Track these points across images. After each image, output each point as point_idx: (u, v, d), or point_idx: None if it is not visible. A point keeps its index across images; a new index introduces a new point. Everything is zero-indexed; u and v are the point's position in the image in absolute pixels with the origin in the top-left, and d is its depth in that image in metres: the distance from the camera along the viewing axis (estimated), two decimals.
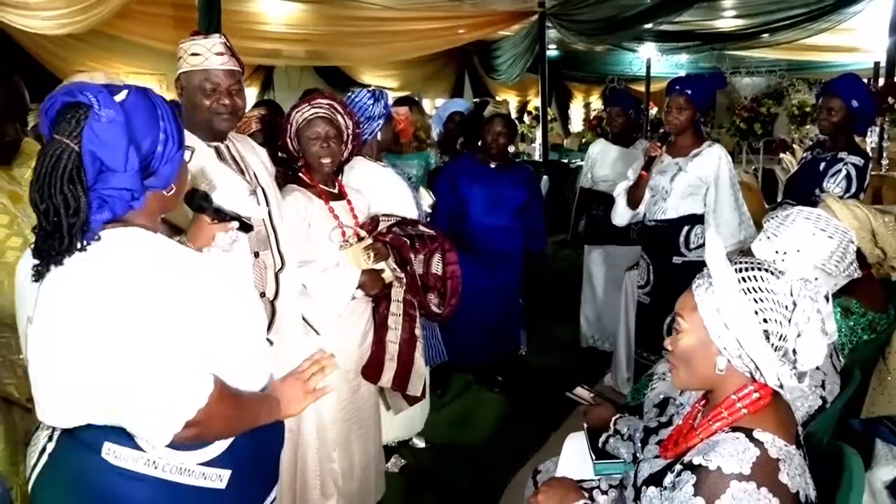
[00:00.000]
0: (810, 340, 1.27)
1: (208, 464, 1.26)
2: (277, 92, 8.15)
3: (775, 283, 1.29)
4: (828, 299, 1.31)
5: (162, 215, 1.38)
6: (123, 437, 1.21)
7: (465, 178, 3.72)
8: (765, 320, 1.27)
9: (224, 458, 1.27)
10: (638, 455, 1.77)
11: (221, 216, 1.60)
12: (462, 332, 3.74)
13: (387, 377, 2.58)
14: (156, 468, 1.22)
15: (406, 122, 3.61)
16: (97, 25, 4.65)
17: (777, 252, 1.75)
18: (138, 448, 1.21)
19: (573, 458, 1.99)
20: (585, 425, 2.02)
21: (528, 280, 4.19)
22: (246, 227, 1.65)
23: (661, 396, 2.02)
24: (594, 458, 1.91)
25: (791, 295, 1.28)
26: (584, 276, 4.59)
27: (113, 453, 1.21)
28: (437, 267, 2.61)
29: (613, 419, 1.96)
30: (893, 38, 6.36)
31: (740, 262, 1.33)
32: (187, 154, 1.40)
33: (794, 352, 1.27)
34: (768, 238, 1.83)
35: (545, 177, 6.25)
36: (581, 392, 2.15)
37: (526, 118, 13.20)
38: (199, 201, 1.57)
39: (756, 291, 1.28)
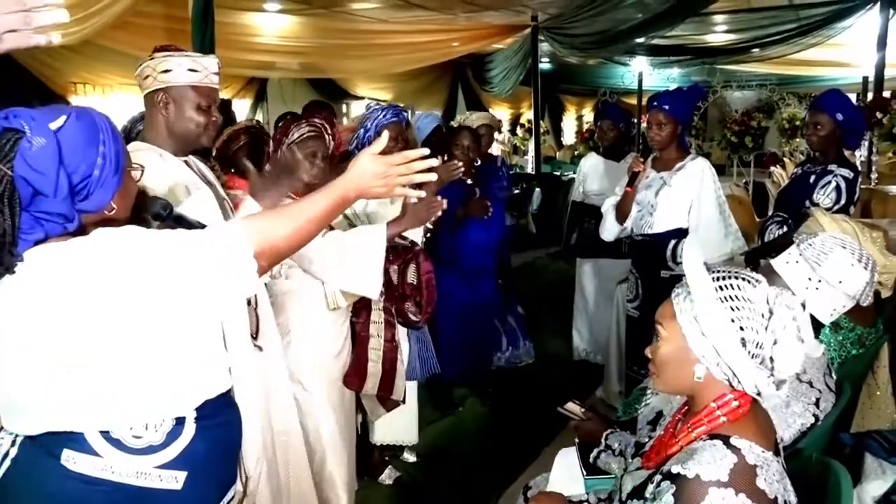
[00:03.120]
0: (786, 348, 1.28)
1: (164, 466, 1.32)
2: (270, 104, 8.16)
3: (752, 291, 1.30)
4: (804, 307, 1.32)
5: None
6: (82, 443, 1.27)
7: (448, 198, 3.66)
8: (741, 328, 1.28)
9: (180, 461, 1.32)
10: (629, 468, 1.77)
11: (185, 226, 1.57)
12: (452, 346, 3.74)
13: (371, 383, 2.63)
14: (113, 473, 1.28)
15: (340, 136, 3.59)
16: (91, 37, 4.65)
17: (811, 280, 1.76)
18: (96, 454, 1.27)
19: (564, 473, 1.99)
20: (577, 440, 2.02)
21: (524, 290, 4.23)
22: None
23: (655, 412, 2.02)
24: (585, 473, 1.91)
25: (767, 303, 1.30)
26: (577, 289, 4.60)
27: (72, 460, 1.27)
28: (412, 277, 2.64)
29: (605, 434, 1.96)
30: (881, 54, 6.43)
31: (718, 271, 1.35)
32: (136, 173, 1.40)
33: (772, 359, 1.29)
34: (809, 266, 1.80)
35: (537, 189, 6.28)
36: (572, 407, 2.14)
37: (519, 130, 13.25)
38: (157, 209, 1.55)
39: (733, 300, 1.30)
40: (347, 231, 2.45)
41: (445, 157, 3.66)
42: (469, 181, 3.75)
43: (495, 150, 4.51)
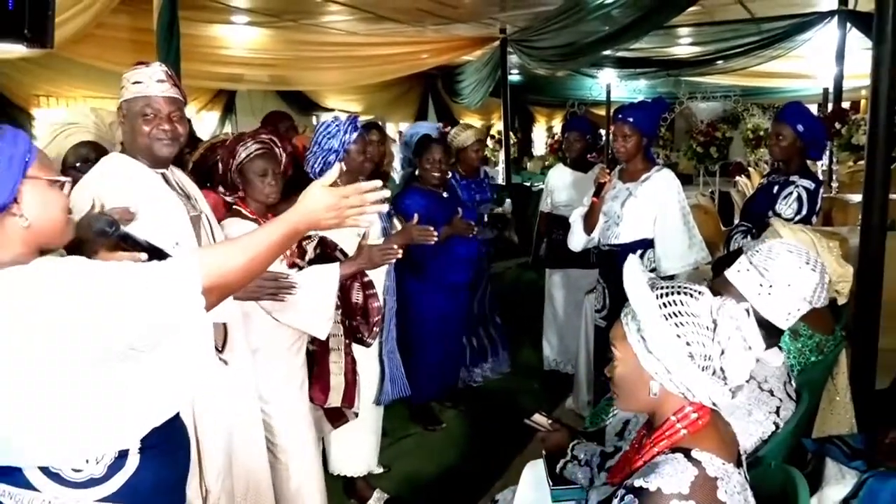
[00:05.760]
0: (735, 357, 1.30)
1: (106, 499, 1.25)
2: (239, 116, 8.10)
3: (695, 304, 1.33)
4: (749, 313, 1.35)
5: (41, 247, 1.29)
6: (18, 477, 1.20)
7: (428, 214, 3.62)
8: (688, 343, 1.30)
9: (123, 493, 1.26)
10: (595, 481, 1.78)
11: (132, 244, 1.52)
12: (426, 361, 3.73)
13: (336, 395, 2.61)
14: None
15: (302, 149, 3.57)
16: (54, 49, 4.58)
17: (762, 286, 1.79)
18: (33, 488, 1.20)
19: (531, 486, 1.99)
20: (544, 452, 2.03)
21: (501, 299, 4.22)
22: (160, 256, 1.55)
23: (622, 423, 2.03)
24: (551, 484, 1.91)
25: (711, 315, 1.32)
26: (546, 300, 4.63)
27: (7, 494, 1.20)
28: (357, 296, 2.62)
29: (571, 445, 1.97)
30: (840, 66, 6.61)
31: (660, 287, 1.37)
32: (67, 187, 1.32)
33: (723, 369, 1.31)
34: (758, 272, 1.82)
35: (508, 199, 6.31)
36: (539, 419, 2.15)
37: (489, 142, 13.32)
38: (101, 227, 1.49)
39: (677, 315, 1.32)
40: (301, 271, 2.41)
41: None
42: (445, 194, 3.75)
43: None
